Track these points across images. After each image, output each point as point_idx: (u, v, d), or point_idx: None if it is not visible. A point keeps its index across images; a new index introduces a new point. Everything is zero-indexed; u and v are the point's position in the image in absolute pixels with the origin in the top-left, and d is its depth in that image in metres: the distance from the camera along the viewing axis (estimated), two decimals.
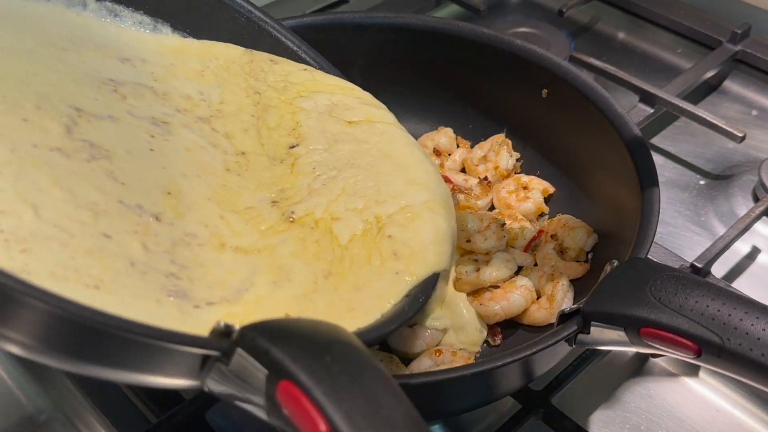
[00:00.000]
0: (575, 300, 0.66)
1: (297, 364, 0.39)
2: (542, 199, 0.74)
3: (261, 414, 0.42)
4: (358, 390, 0.39)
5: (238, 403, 0.43)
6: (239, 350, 0.41)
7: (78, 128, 0.53)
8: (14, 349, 0.41)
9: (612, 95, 0.70)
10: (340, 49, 0.79)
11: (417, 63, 0.80)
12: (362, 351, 0.42)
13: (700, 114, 0.86)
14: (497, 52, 0.76)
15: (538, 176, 0.76)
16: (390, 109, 0.81)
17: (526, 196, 0.74)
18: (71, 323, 0.39)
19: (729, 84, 0.98)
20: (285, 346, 0.41)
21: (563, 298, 0.65)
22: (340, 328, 0.44)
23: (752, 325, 0.49)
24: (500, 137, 0.78)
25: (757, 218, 0.76)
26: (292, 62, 0.68)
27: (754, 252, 0.79)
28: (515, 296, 0.65)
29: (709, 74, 0.95)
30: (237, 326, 0.42)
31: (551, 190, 0.75)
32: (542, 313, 0.65)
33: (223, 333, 0.42)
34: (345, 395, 0.39)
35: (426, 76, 0.81)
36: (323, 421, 0.38)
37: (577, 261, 0.69)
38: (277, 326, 0.43)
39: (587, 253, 0.70)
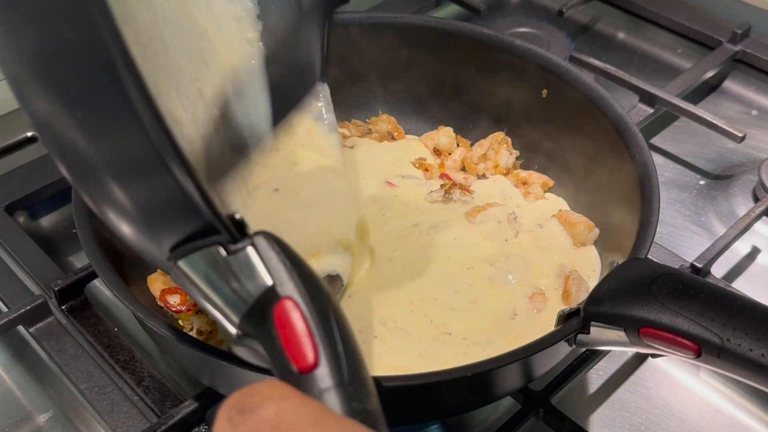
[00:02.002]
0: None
1: (309, 290, 0.39)
2: (543, 192, 0.75)
3: (228, 323, 0.41)
4: (347, 338, 0.39)
5: (204, 296, 0.41)
6: (251, 249, 0.40)
7: None
8: None
9: (612, 95, 0.70)
10: (340, 49, 0.79)
11: (417, 63, 0.80)
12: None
13: (700, 114, 0.86)
14: (497, 52, 0.76)
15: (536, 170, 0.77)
16: (390, 109, 0.82)
17: (528, 192, 0.74)
18: None
19: (729, 84, 0.98)
20: (298, 267, 0.40)
21: None
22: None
23: (752, 325, 0.49)
24: (500, 135, 0.78)
25: (757, 218, 0.76)
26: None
27: (754, 252, 0.79)
28: None
29: (709, 74, 0.95)
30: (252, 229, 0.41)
31: (551, 183, 0.75)
32: None
33: (236, 223, 0.40)
34: (341, 337, 0.39)
35: (426, 76, 0.81)
36: (313, 351, 0.37)
37: None
38: (294, 252, 0.41)
39: None
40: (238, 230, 0.40)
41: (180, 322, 0.63)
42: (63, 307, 0.68)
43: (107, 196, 0.40)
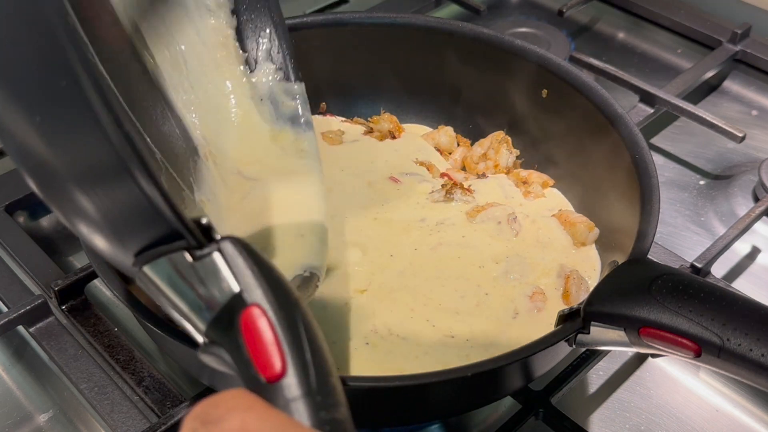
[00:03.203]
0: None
1: (277, 297, 0.38)
2: (543, 191, 0.75)
3: (194, 331, 0.40)
4: (316, 345, 0.39)
5: (169, 303, 0.41)
6: (217, 254, 0.39)
7: None
8: None
9: (612, 95, 0.70)
10: (340, 49, 0.79)
11: (417, 63, 0.80)
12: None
13: (700, 114, 0.86)
14: (497, 52, 0.76)
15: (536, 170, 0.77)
16: (390, 108, 0.82)
17: (528, 191, 0.74)
18: None
19: (729, 84, 0.98)
20: (267, 273, 0.39)
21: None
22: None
23: (752, 325, 0.49)
24: (500, 134, 0.78)
25: (757, 218, 0.76)
26: None
27: (754, 252, 0.79)
28: None
29: (709, 74, 0.95)
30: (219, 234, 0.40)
31: (551, 182, 0.75)
32: None
33: (203, 228, 0.39)
34: (309, 345, 0.38)
35: (426, 76, 0.81)
36: (280, 359, 0.37)
37: None
38: (262, 257, 0.41)
39: None
40: (204, 235, 0.39)
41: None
42: (63, 307, 0.68)
43: (70, 202, 0.39)
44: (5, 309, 0.69)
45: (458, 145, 0.80)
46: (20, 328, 0.68)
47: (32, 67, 0.35)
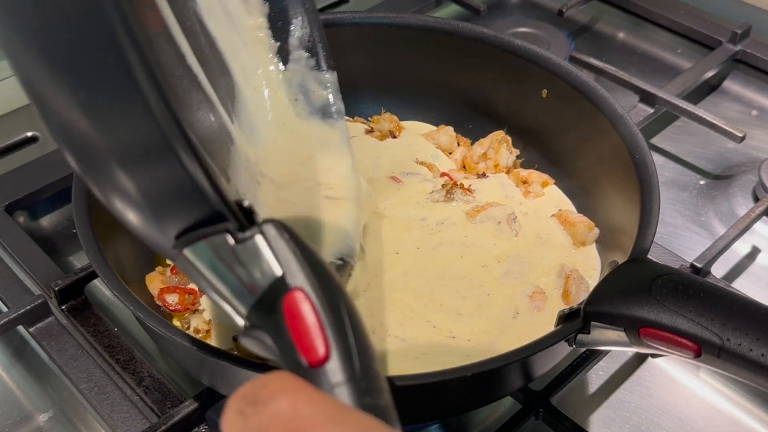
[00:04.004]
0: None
1: (320, 281, 0.38)
2: (543, 191, 0.75)
3: (235, 314, 0.40)
4: (359, 331, 0.38)
5: (210, 286, 0.40)
6: (259, 237, 0.38)
7: None
8: None
9: (612, 95, 0.70)
10: (340, 49, 0.79)
11: (417, 63, 0.80)
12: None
13: (700, 114, 0.86)
14: (497, 52, 0.76)
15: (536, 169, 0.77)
16: (391, 108, 0.82)
17: (528, 191, 0.74)
18: None
19: (729, 84, 0.98)
20: (309, 257, 0.39)
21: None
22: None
23: (752, 325, 0.49)
24: (500, 134, 0.78)
25: (757, 218, 0.76)
26: None
27: (754, 252, 0.79)
28: None
29: (709, 74, 0.95)
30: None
31: (551, 182, 0.75)
32: None
33: (245, 211, 0.39)
34: (353, 330, 0.38)
35: (426, 76, 0.81)
36: (324, 344, 0.36)
37: None
38: (304, 242, 0.40)
39: None
40: (246, 218, 0.39)
41: (175, 320, 0.63)
42: (63, 307, 0.68)
43: (112, 182, 0.39)
44: (5, 309, 0.69)
45: (458, 144, 0.80)
46: (20, 328, 0.68)
47: (78, 43, 0.34)
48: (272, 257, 0.38)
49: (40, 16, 0.34)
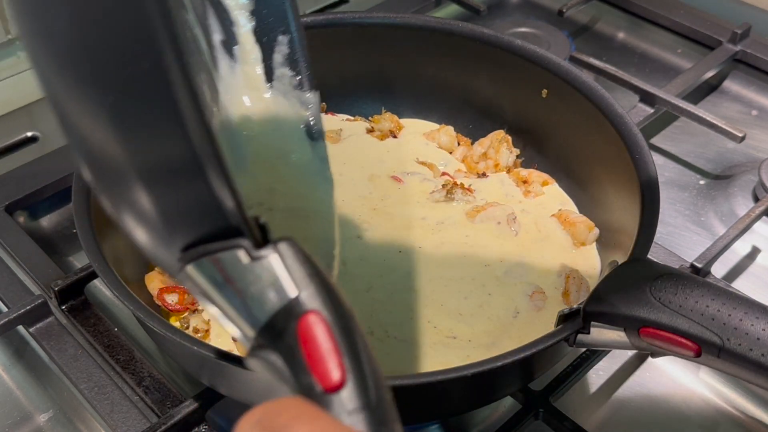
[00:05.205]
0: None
1: (334, 305, 0.36)
2: (543, 191, 0.75)
3: (242, 333, 0.38)
4: (371, 357, 0.37)
5: (217, 303, 0.38)
6: (275, 256, 0.36)
7: None
8: None
9: (612, 95, 0.70)
10: (340, 49, 0.79)
11: (417, 62, 0.80)
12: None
13: (700, 114, 0.86)
14: (497, 52, 0.76)
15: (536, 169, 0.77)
16: (391, 108, 0.82)
17: (528, 190, 0.74)
18: None
19: (729, 84, 0.98)
20: (323, 280, 0.37)
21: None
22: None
23: (752, 325, 0.49)
24: (500, 134, 0.78)
25: (757, 218, 0.76)
26: None
27: (754, 252, 0.79)
28: None
29: (709, 74, 0.95)
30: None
31: (551, 181, 0.75)
32: None
33: (261, 228, 0.37)
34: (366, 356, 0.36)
35: (426, 76, 0.81)
36: (340, 369, 0.35)
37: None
38: (317, 263, 0.38)
39: None
40: (261, 236, 0.37)
41: (174, 320, 0.63)
42: (63, 307, 0.68)
43: (126, 195, 0.36)
44: (5, 309, 0.69)
45: (458, 144, 0.80)
46: (20, 328, 0.68)
47: (112, 38, 0.31)
48: (288, 277, 0.37)
49: (73, 9, 0.32)
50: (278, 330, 0.36)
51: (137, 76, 0.32)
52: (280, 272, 0.36)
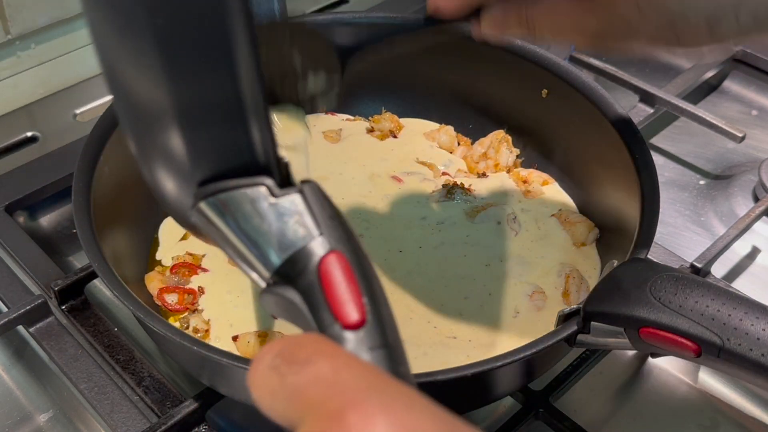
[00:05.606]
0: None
1: (354, 247, 0.36)
2: (543, 191, 0.75)
3: (261, 268, 0.38)
4: (386, 299, 0.38)
5: (235, 238, 0.38)
6: (298, 196, 0.37)
7: None
8: None
9: (612, 95, 0.70)
10: (340, 49, 0.79)
11: (417, 62, 0.80)
12: None
13: (700, 114, 0.86)
14: (497, 52, 0.76)
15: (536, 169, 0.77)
16: (391, 108, 0.82)
17: (528, 190, 0.74)
18: None
19: (729, 84, 0.98)
20: (343, 222, 0.37)
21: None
22: None
23: (752, 325, 0.49)
24: (500, 134, 0.78)
25: (757, 218, 0.76)
26: None
27: (754, 252, 0.79)
28: None
29: (709, 74, 0.95)
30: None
31: (551, 181, 0.75)
32: None
33: (284, 168, 0.37)
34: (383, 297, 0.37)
35: (426, 76, 0.81)
36: (360, 308, 0.35)
37: None
38: (337, 207, 0.39)
39: None
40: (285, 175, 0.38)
41: (174, 320, 0.63)
42: (63, 307, 0.68)
43: (159, 135, 0.36)
44: (5, 309, 0.69)
45: (458, 144, 0.80)
46: (20, 328, 0.68)
47: None
48: (310, 217, 0.37)
49: None
50: (299, 268, 0.36)
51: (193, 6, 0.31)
52: (304, 211, 0.37)
